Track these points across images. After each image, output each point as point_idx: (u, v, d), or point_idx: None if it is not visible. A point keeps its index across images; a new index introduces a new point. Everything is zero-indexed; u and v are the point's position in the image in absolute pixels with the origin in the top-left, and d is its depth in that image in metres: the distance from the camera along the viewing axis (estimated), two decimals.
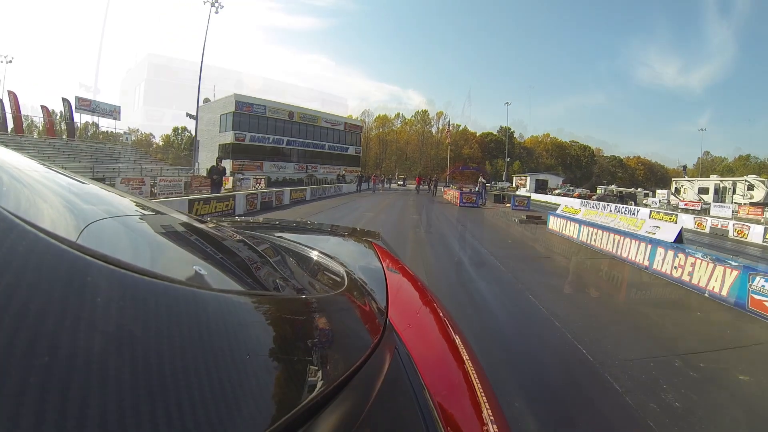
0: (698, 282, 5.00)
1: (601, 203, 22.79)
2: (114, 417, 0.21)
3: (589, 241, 8.24)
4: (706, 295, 4.79)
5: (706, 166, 73.98)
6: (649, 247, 6.24)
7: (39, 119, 30.15)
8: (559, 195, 37.38)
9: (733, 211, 22.61)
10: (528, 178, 49.47)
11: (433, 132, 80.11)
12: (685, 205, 28.65)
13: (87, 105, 28.31)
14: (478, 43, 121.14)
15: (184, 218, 0.73)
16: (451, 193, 21.29)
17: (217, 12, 27.47)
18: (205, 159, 35.80)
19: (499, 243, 8.22)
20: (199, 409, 0.25)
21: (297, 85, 40.29)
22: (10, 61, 37.51)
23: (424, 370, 0.54)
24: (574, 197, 42.14)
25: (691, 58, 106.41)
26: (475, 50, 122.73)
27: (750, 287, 4.21)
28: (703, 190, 33.03)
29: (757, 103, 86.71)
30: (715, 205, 25.28)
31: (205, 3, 26.93)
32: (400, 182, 47.73)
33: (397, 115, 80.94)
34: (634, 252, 6.61)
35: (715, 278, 4.76)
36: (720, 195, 31.38)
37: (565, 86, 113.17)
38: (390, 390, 0.47)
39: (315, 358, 0.41)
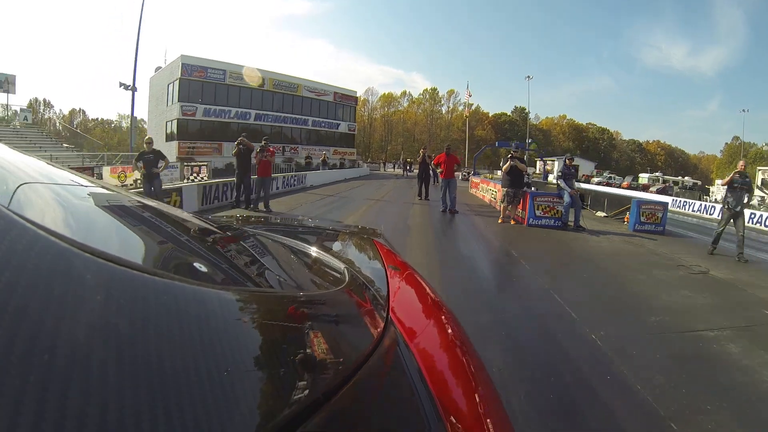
0: None
1: None
2: (111, 415, 0.21)
3: None
4: None
5: (734, 152, 67.29)
6: None
7: None
8: (599, 184, 29.11)
9: None
10: (556, 163, 39.93)
11: (443, 111, 72.77)
12: None
13: None
14: (485, 24, 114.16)
15: (184, 215, 0.75)
16: (489, 189, 12.57)
17: None
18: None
19: None
20: (198, 406, 0.25)
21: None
22: None
23: (425, 367, 0.54)
24: (623, 187, 33.62)
25: (705, 40, 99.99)
26: (483, 31, 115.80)
27: None
28: None
29: None
30: None
31: None
32: (405, 167, 36.67)
33: (404, 93, 73.94)
34: None
35: None
36: None
37: (576, 70, 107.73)
38: (392, 387, 0.48)
39: (316, 354, 0.41)
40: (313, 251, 0.95)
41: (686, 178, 37.47)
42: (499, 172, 11.44)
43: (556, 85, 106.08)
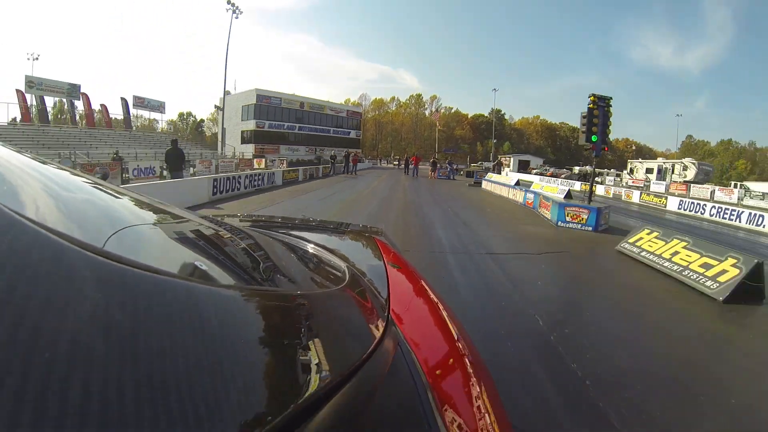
0: (542, 212, 11.74)
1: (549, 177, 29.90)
2: (112, 413, 0.21)
3: (497, 193, 15.49)
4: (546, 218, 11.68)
5: (689, 150, 78.51)
6: (521, 193, 13.28)
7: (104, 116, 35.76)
8: (536, 174, 44.18)
9: (666, 187, 27.85)
10: (512, 159, 55.91)
11: (427, 114, 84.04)
12: (633, 182, 35.20)
13: (141, 102, 34.77)
14: (470, 22, 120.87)
15: (185, 213, 0.71)
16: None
17: (237, 17, 33.43)
18: (228, 143, 42.24)
19: (450, 194, 15.16)
20: (198, 405, 0.25)
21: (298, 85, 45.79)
22: (37, 58, 42.92)
23: (425, 366, 0.54)
24: (548, 175, 49.80)
25: (686, 39, 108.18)
26: (467, 29, 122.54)
27: (564, 211, 10.46)
28: (650, 171, 39.71)
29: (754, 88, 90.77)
30: (654, 183, 31.37)
31: (227, 10, 32.98)
32: (395, 162, 52.35)
33: (393, 99, 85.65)
34: (513, 195, 13.74)
35: (551, 210, 11.20)
36: (662, 174, 37.91)
37: (557, 67, 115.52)
38: (392, 386, 0.48)
39: (317, 353, 0.41)
40: (314, 249, 0.94)
41: (611, 170, 52.12)
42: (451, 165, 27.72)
43: (538, 83, 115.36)
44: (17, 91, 26.45)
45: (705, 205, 15.21)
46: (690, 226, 11.37)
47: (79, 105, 31.05)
